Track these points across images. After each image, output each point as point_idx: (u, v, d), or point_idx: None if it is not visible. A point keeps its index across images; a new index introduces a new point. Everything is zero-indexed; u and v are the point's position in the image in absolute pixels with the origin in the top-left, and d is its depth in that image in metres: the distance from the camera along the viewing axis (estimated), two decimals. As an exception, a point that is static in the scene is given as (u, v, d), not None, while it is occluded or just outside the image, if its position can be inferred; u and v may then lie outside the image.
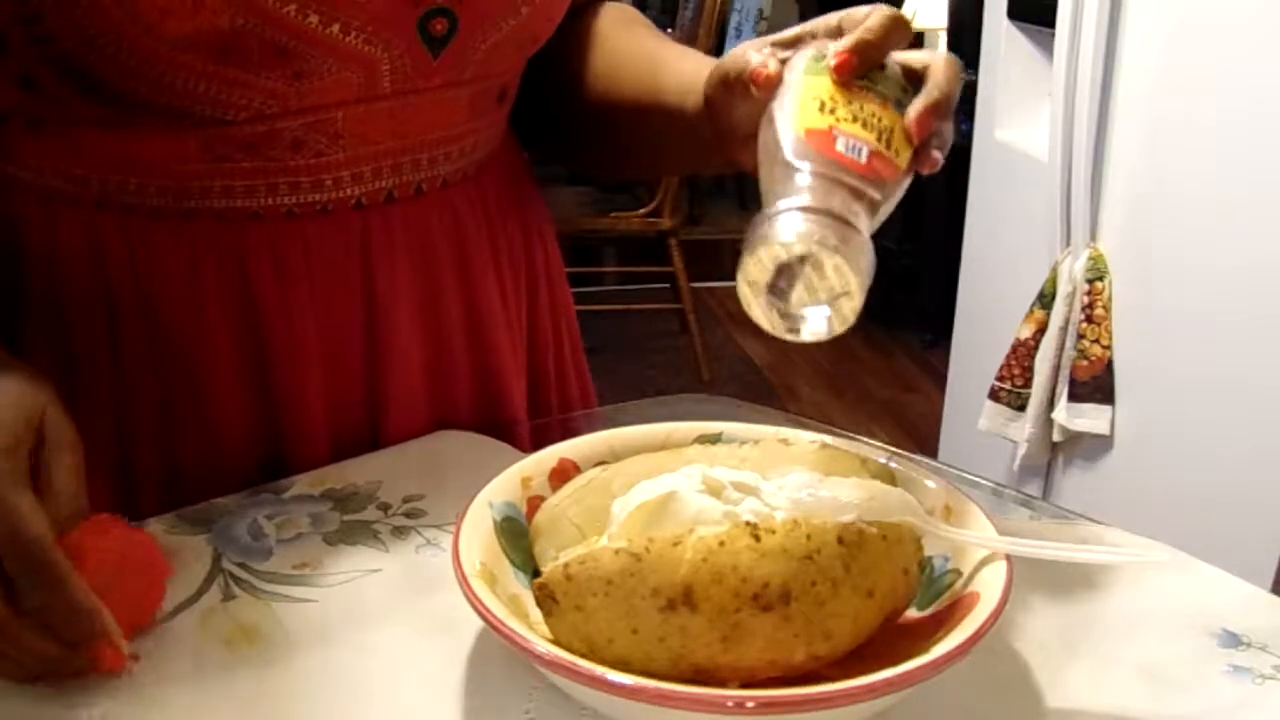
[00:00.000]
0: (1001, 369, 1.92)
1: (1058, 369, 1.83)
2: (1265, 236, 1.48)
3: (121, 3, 0.55)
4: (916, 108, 0.53)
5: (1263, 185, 1.47)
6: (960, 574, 0.50)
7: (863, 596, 0.44)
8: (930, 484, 0.55)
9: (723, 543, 0.43)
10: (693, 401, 0.82)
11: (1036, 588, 0.55)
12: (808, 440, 0.58)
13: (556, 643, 0.44)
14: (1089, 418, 1.78)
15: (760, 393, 3.18)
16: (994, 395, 1.94)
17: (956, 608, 0.47)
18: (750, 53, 0.57)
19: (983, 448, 2.06)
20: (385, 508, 0.64)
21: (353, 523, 0.63)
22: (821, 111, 0.51)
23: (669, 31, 2.96)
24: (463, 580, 0.46)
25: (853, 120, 0.51)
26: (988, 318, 2.16)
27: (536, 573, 0.51)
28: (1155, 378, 1.70)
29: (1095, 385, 1.76)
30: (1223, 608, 0.55)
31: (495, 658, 0.51)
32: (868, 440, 0.60)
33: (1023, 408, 1.90)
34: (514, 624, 0.44)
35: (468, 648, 0.52)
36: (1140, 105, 1.66)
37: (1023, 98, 2.06)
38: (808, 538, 0.43)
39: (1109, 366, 1.75)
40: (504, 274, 0.77)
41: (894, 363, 3.53)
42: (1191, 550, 0.59)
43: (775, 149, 0.51)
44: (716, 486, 0.48)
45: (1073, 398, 1.79)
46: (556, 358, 0.84)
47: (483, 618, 0.45)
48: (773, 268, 0.46)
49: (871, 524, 0.46)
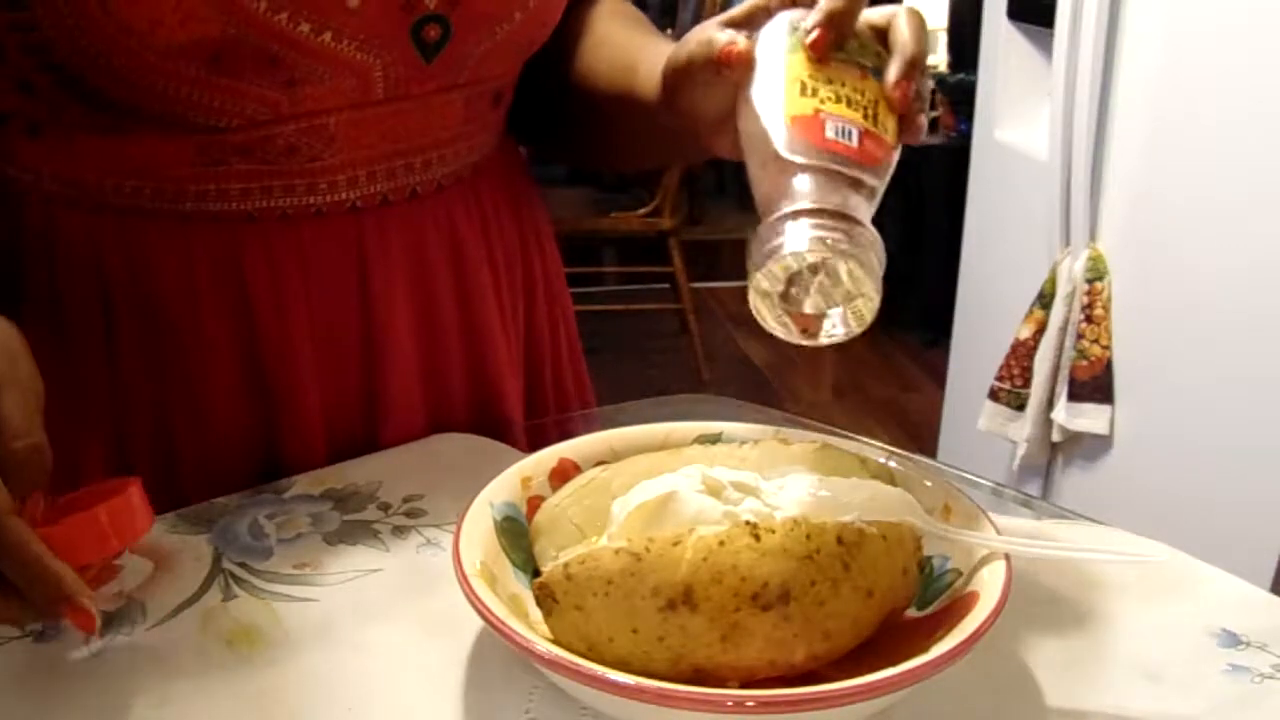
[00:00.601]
0: (1001, 369, 1.93)
1: (1057, 369, 1.83)
2: (1265, 236, 1.48)
3: (112, 13, 0.55)
4: (894, 74, 0.50)
5: (1263, 185, 1.47)
6: (960, 574, 0.50)
7: (862, 596, 0.44)
8: (930, 484, 0.55)
9: (723, 542, 0.43)
10: (693, 401, 0.82)
11: (1036, 588, 0.55)
12: (808, 440, 0.58)
13: (556, 642, 0.44)
14: (1088, 417, 1.78)
15: (760, 393, 3.18)
16: (993, 395, 1.94)
17: (956, 607, 0.47)
18: (714, 33, 0.53)
19: (982, 448, 2.06)
20: (385, 507, 0.64)
21: (353, 522, 0.63)
22: (804, 94, 0.48)
23: (668, 32, 2.95)
24: (463, 580, 0.46)
25: (836, 100, 0.48)
26: (987, 318, 2.16)
27: (536, 573, 0.51)
28: (1155, 378, 1.70)
29: (1095, 385, 1.76)
30: (1222, 607, 0.55)
31: (495, 658, 0.51)
32: (868, 440, 0.60)
33: (1022, 408, 1.90)
34: (514, 624, 0.44)
35: (468, 648, 0.52)
36: (1140, 105, 1.66)
37: (1022, 98, 2.06)
38: (808, 538, 0.43)
39: (1108, 366, 1.75)
40: (500, 276, 0.77)
41: (894, 362, 3.53)
42: (1191, 550, 0.59)
43: (763, 142, 0.48)
44: (716, 486, 0.48)
45: (1072, 397, 1.79)
46: (554, 359, 0.84)
47: (483, 617, 0.45)
48: (784, 279, 0.44)
49: (871, 524, 0.46)
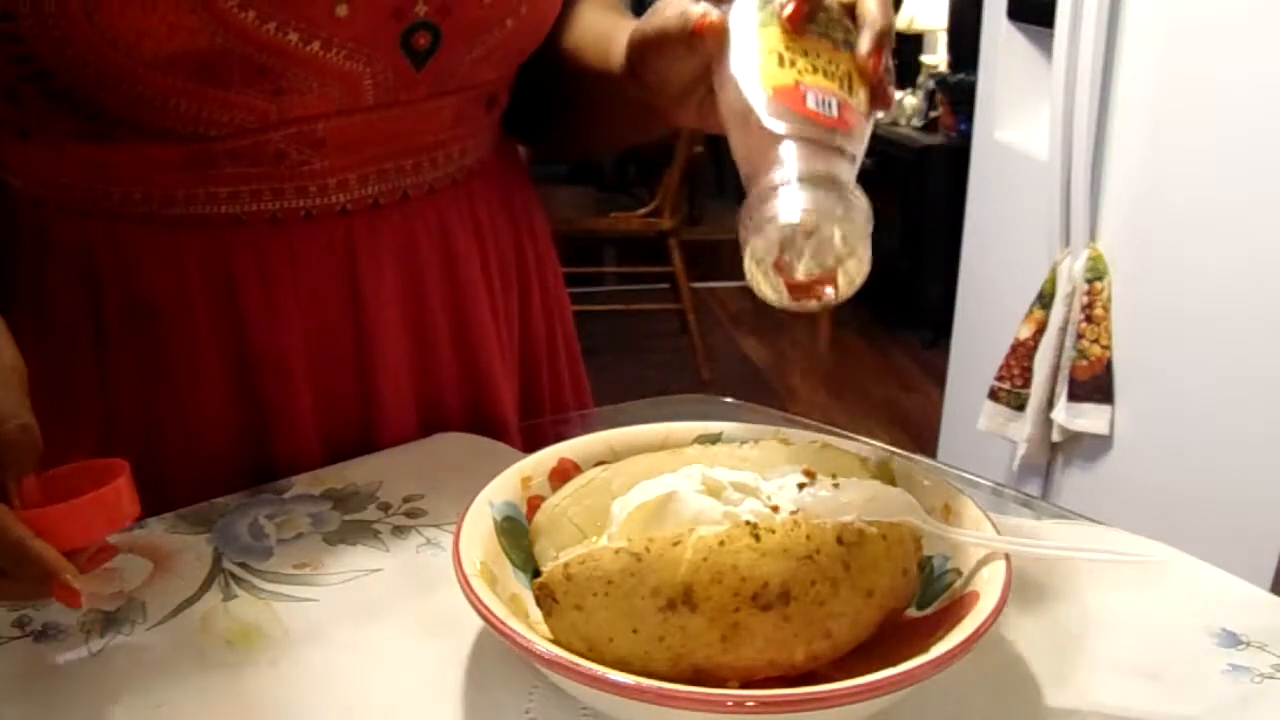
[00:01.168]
0: (1001, 369, 1.93)
1: (1057, 369, 1.83)
2: (1265, 236, 1.48)
3: (98, 24, 0.55)
4: (864, 46, 0.51)
5: (1263, 185, 1.47)
6: (960, 574, 0.50)
7: (862, 596, 0.44)
8: (930, 484, 0.55)
9: (723, 542, 0.43)
10: (693, 401, 0.82)
11: (1036, 588, 0.55)
12: (808, 440, 0.58)
13: (556, 642, 0.44)
14: (1088, 417, 1.78)
15: (760, 393, 3.18)
16: (993, 395, 1.94)
17: (956, 607, 0.47)
18: (687, 6, 0.55)
19: (982, 448, 2.06)
20: (385, 507, 0.64)
21: (353, 522, 0.63)
22: (782, 66, 0.50)
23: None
24: (463, 580, 0.46)
25: (814, 71, 0.50)
26: (987, 318, 2.16)
27: (536, 573, 0.51)
28: (1154, 378, 1.70)
29: (1094, 385, 1.76)
30: (1222, 607, 0.55)
31: (495, 658, 0.51)
32: (868, 440, 0.60)
33: (1022, 408, 1.90)
34: (514, 624, 0.44)
35: (468, 648, 0.52)
36: (1140, 105, 1.66)
37: (1022, 98, 2.06)
38: (807, 537, 0.43)
39: (1108, 366, 1.75)
40: (493, 279, 0.76)
41: (894, 363, 3.53)
42: (1191, 550, 0.59)
43: (746, 111, 0.49)
44: (716, 487, 0.48)
45: (1072, 397, 1.79)
46: (550, 360, 0.84)
47: (483, 617, 0.45)
48: (779, 245, 0.46)
49: (871, 524, 0.46)
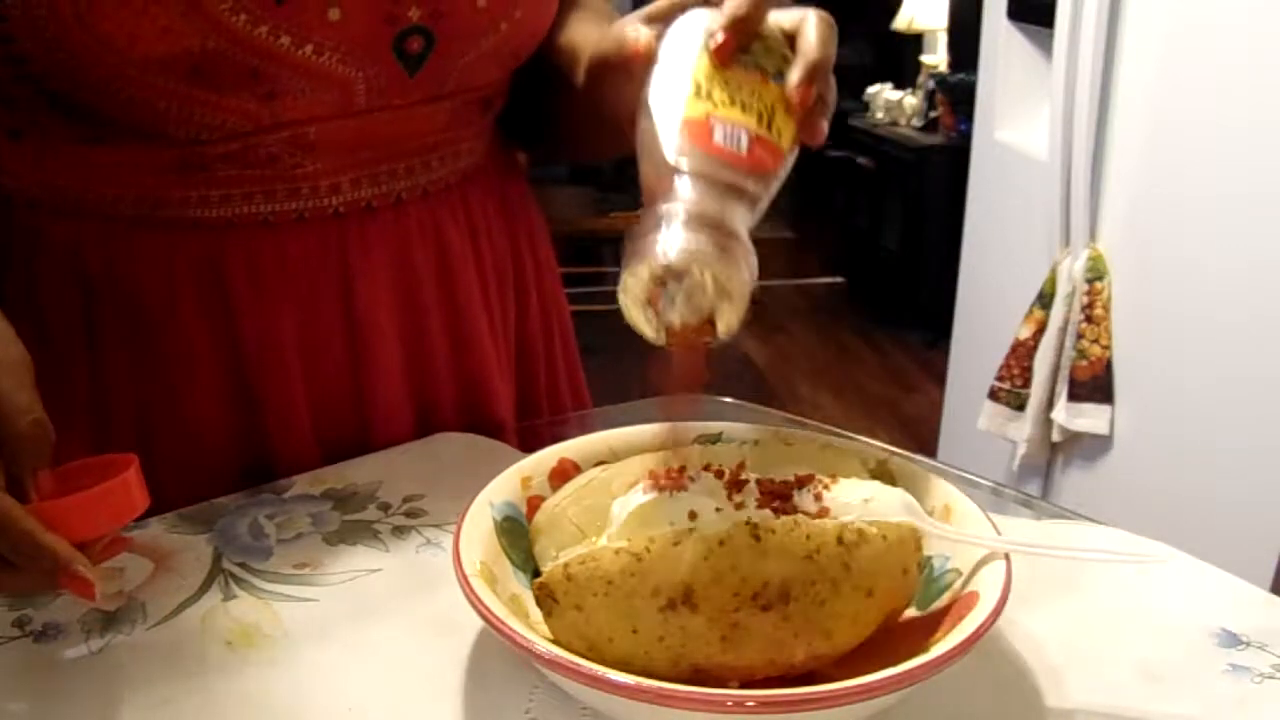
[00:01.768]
0: (1001, 369, 1.93)
1: (1057, 369, 1.83)
2: (1265, 236, 1.48)
3: (89, 27, 0.55)
4: (794, 78, 0.50)
5: (1263, 185, 1.47)
6: (960, 574, 0.50)
7: (862, 596, 0.44)
8: (930, 484, 0.55)
9: (723, 542, 0.43)
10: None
11: (1036, 588, 0.55)
12: (808, 440, 0.58)
13: (556, 642, 0.44)
14: (1088, 417, 1.78)
15: (760, 393, 3.18)
16: (993, 395, 1.95)
17: (956, 607, 0.47)
18: (626, 29, 0.54)
19: (982, 447, 2.06)
20: (385, 507, 0.64)
21: (353, 522, 0.63)
22: (698, 96, 0.49)
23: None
24: (463, 580, 0.46)
25: (730, 103, 0.49)
26: (987, 318, 2.16)
27: (536, 573, 0.51)
28: (1154, 378, 1.70)
29: (1094, 385, 1.76)
30: (1222, 607, 0.55)
31: (495, 658, 0.51)
32: (868, 440, 0.60)
33: (1022, 407, 1.90)
34: (514, 624, 0.44)
35: (468, 648, 0.52)
36: (1140, 105, 1.66)
37: (1022, 98, 2.06)
38: (808, 538, 0.43)
39: (1108, 366, 1.75)
40: (489, 281, 0.76)
41: (894, 362, 3.53)
42: (1191, 550, 0.59)
43: (653, 143, 0.48)
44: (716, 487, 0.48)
45: (1072, 397, 1.79)
46: (548, 361, 0.84)
47: (483, 617, 0.45)
48: (651, 281, 0.45)
49: (871, 524, 0.46)
